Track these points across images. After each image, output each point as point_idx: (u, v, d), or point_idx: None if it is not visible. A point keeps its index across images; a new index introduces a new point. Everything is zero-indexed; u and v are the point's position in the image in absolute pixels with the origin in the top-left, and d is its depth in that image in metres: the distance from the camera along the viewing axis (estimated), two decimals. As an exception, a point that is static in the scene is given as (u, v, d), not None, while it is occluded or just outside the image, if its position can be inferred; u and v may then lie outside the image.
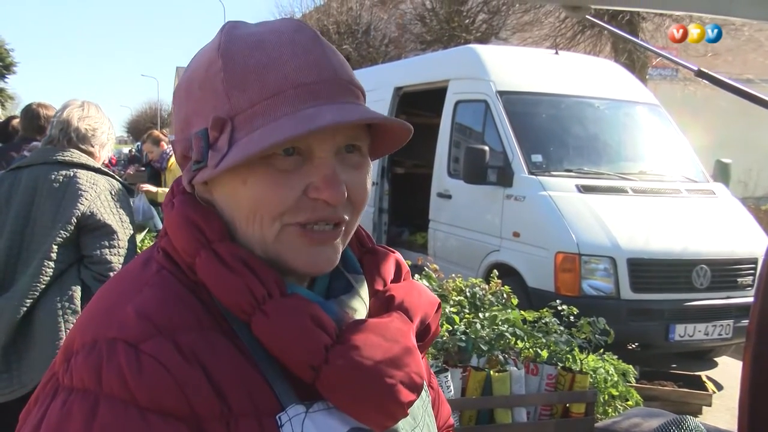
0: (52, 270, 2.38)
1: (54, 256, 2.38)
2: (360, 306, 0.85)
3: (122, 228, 2.49)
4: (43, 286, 2.37)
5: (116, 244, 2.45)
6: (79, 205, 2.42)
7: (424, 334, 0.90)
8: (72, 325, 2.12)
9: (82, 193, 2.45)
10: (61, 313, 2.36)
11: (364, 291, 0.87)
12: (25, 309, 2.34)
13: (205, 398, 0.71)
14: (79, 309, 2.34)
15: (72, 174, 2.48)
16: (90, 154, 2.62)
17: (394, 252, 0.96)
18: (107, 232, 2.44)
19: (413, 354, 0.81)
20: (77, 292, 2.40)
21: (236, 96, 0.76)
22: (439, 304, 0.94)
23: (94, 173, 2.54)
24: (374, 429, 0.79)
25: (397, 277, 0.92)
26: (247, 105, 0.76)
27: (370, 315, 0.84)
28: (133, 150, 25.54)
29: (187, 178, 0.82)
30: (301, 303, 0.78)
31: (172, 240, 0.82)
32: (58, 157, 2.51)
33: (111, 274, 2.39)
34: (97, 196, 2.47)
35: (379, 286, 0.89)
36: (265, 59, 0.77)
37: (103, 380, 0.70)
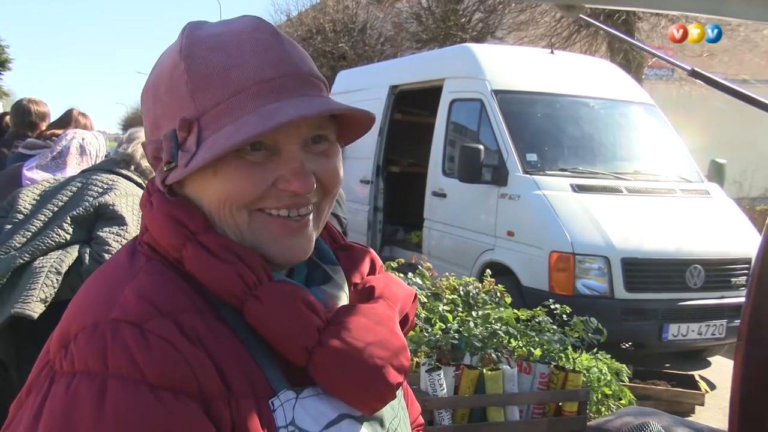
0: (58, 237, 2.49)
1: (65, 226, 2.51)
2: (342, 295, 0.88)
3: (135, 225, 2.57)
4: (44, 248, 2.47)
5: (123, 235, 2.55)
6: (105, 196, 2.58)
7: (402, 324, 0.93)
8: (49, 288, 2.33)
9: (113, 190, 2.62)
10: (45, 271, 2.43)
11: (343, 282, 0.90)
12: (21, 262, 2.44)
13: (211, 377, 0.73)
14: (62, 273, 2.42)
15: (115, 179, 2.69)
16: (143, 181, 2.81)
17: (368, 248, 0.98)
18: (120, 223, 2.56)
19: (400, 338, 0.85)
20: (68, 259, 2.47)
21: (200, 97, 0.79)
22: (415, 296, 0.96)
23: (135, 185, 2.72)
24: (363, 412, 0.81)
25: (372, 272, 0.95)
26: (212, 104, 0.79)
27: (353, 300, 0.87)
28: None
29: (160, 179, 0.83)
30: (292, 288, 0.81)
31: (156, 238, 0.84)
32: (115, 168, 2.74)
33: (107, 256, 2.47)
34: (125, 196, 2.62)
35: (357, 279, 0.92)
36: (226, 59, 0.79)
37: (109, 360, 0.70)
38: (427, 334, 2.94)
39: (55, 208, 2.59)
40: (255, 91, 0.78)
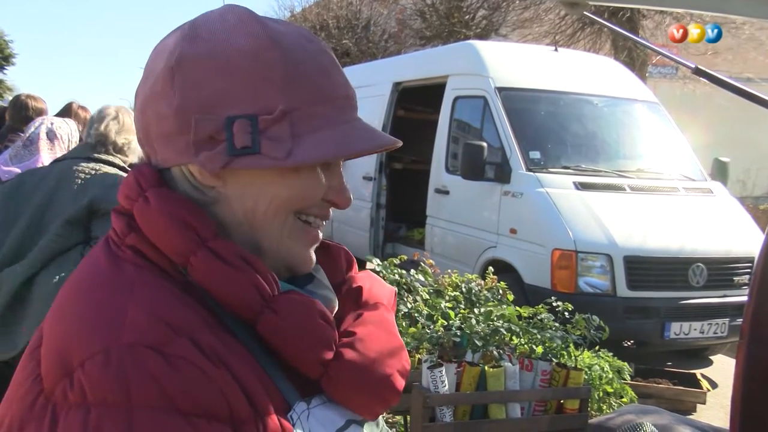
0: (56, 245, 2.48)
1: (62, 231, 2.49)
2: (332, 296, 0.86)
3: None
4: (46, 258, 2.47)
5: None
6: (96, 190, 2.53)
7: None
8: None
9: (101, 182, 2.57)
10: (54, 285, 2.43)
11: (326, 281, 0.88)
12: (26, 277, 2.45)
13: (239, 399, 0.69)
14: None
15: (98, 168, 2.62)
16: (123, 161, 2.77)
17: (341, 246, 0.97)
18: None
19: (401, 342, 0.87)
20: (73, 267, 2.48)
21: (293, 92, 0.76)
22: (396, 292, 0.97)
23: (119, 171, 2.67)
24: (368, 417, 0.82)
25: (349, 269, 0.94)
26: (302, 104, 0.77)
27: (341, 306, 0.86)
28: None
29: (222, 163, 0.75)
30: (307, 299, 0.79)
31: (155, 240, 0.77)
32: (94, 155, 2.66)
33: None
34: (115, 186, 2.57)
35: (338, 278, 0.91)
36: (316, 64, 0.79)
37: (133, 390, 0.65)
38: (429, 331, 2.94)
39: (36, 209, 2.54)
40: (342, 105, 0.80)
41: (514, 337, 3.02)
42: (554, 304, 3.29)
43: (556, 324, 3.15)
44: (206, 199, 0.80)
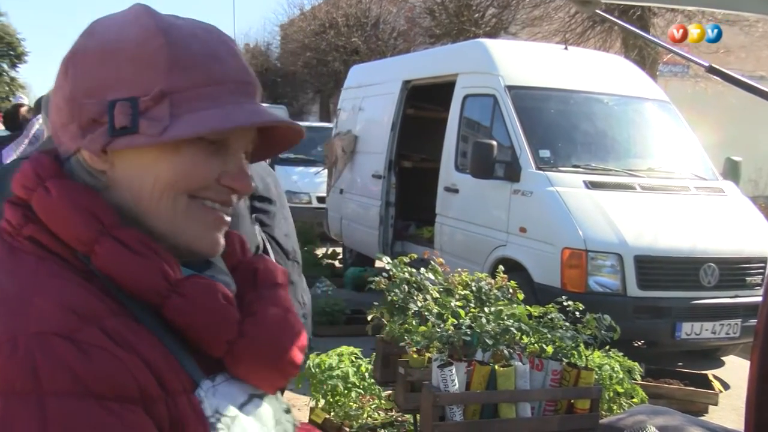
0: None
1: None
2: (231, 281, 0.89)
3: None
4: None
5: None
6: None
7: None
8: None
9: None
10: None
11: (223, 265, 0.91)
12: None
13: (149, 381, 0.72)
14: None
15: None
16: None
17: (233, 231, 0.99)
18: None
19: (298, 318, 0.91)
20: None
21: (177, 75, 0.79)
22: (288, 273, 0.99)
23: None
24: (268, 391, 0.87)
25: (242, 251, 0.97)
26: (188, 85, 0.79)
27: (239, 287, 0.89)
28: None
29: (103, 143, 0.78)
30: (210, 282, 0.82)
31: (57, 230, 0.78)
32: None
33: None
34: None
35: (233, 261, 0.94)
36: (207, 50, 0.82)
37: (42, 377, 0.66)
38: (439, 330, 2.93)
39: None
40: (234, 88, 0.82)
41: (524, 337, 3.01)
42: (565, 303, 3.27)
43: (567, 323, 3.14)
44: (100, 185, 0.81)
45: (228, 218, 0.87)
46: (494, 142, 6.01)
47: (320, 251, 9.89)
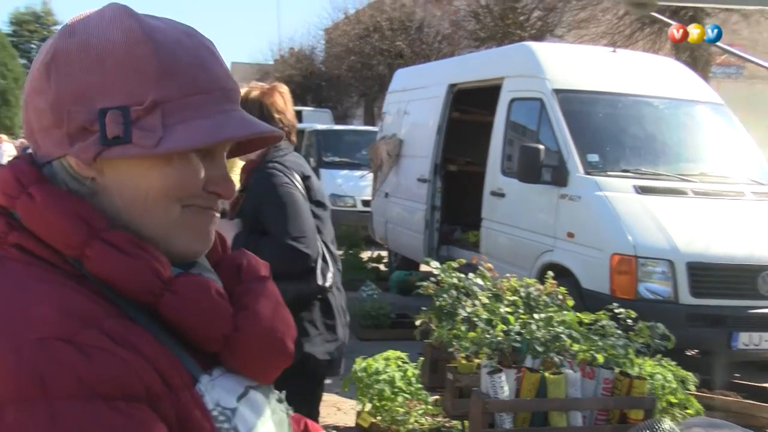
0: None
1: None
2: (216, 278, 0.90)
3: None
4: None
5: None
6: None
7: None
8: None
9: None
10: None
11: (208, 264, 0.92)
12: None
13: (153, 379, 0.72)
14: None
15: None
16: None
17: None
18: None
19: (287, 310, 0.92)
20: None
21: (167, 83, 0.78)
22: (270, 267, 0.99)
23: None
24: (262, 382, 0.87)
25: (223, 248, 0.98)
26: (177, 94, 0.79)
27: (224, 282, 0.89)
28: None
29: (94, 152, 0.77)
30: (201, 279, 0.83)
31: (45, 235, 0.77)
32: None
33: None
34: None
35: (216, 257, 0.94)
36: (192, 57, 0.81)
37: (49, 382, 0.66)
38: (488, 336, 2.91)
39: None
40: (219, 96, 0.82)
41: (574, 344, 2.97)
42: (616, 310, 3.21)
43: (618, 331, 3.08)
44: (85, 190, 0.81)
45: (217, 216, 0.88)
46: (541, 146, 5.95)
47: (365, 255, 9.93)
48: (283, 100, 2.68)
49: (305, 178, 2.66)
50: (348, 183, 12.11)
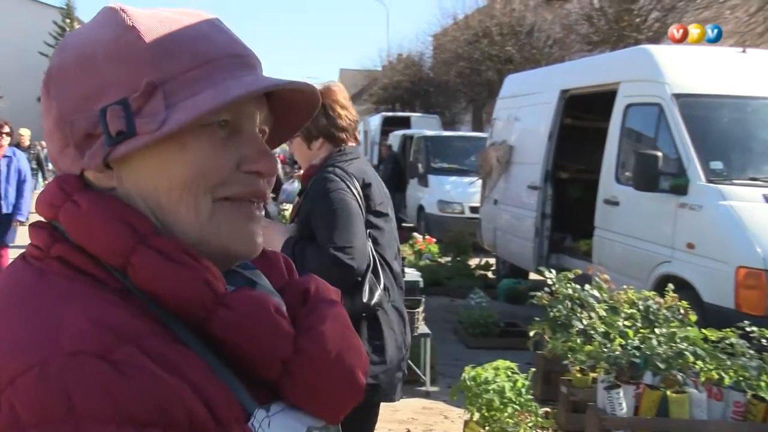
0: None
1: None
2: (280, 300, 0.80)
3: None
4: None
5: None
6: None
7: None
8: None
9: None
10: None
11: (270, 286, 0.83)
12: None
13: (198, 407, 0.63)
14: None
15: None
16: None
17: (277, 252, 0.92)
18: None
19: (359, 339, 0.81)
20: None
21: (165, 63, 0.72)
22: (341, 293, 0.88)
23: None
24: (331, 421, 0.76)
25: (289, 274, 0.89)
26: (180, 71, 0.72)
27: (289, 309, 0.79)
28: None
29: (103, 155, 0.71)
30: (261, 294, 0.75)
31: (88, 244, 0.71)
32: None
33: None
34: None
35: (280, 283, 0.85)
36: (188, 30, 0.75)
37: (77, 403, 0.58)
38: (606, 350, 2.82)
39: None
40: (228, 63, 0.74)
41: (699, 362, 2.83)
42: (748, 328, 3.03)
43: (751, 351, 2.90)
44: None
45: (260, 212, 0.79)
46: (659, 153, 5.73)
47: (473, 262, 9.86)
48: (343, 96, 2.54)
49: (366, 186, 2.46)
50: (456, 189, 12.08)
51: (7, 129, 6.80)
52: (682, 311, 3.35)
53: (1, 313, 0.68)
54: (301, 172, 2.81)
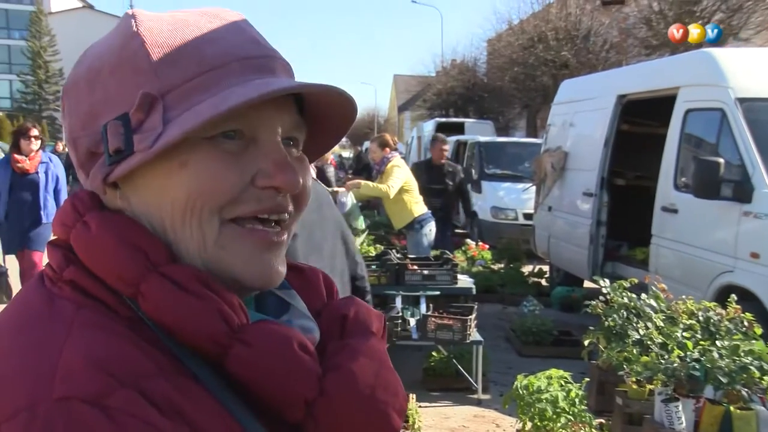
0: None
1: None
2: (313, 326, 0.74)
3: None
4: None
5: None
6: None
7: None
8: None
9: None
10: None
11: (305, 310, 0.77)
12: None
13: None
14: None
15: None
16: None
17: (317, 269, 0.85)
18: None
19: (397, 376, 0.73)
20: None
21: (167, 72, 0.66)
22: (385, 318, 0.81)
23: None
24: None
25: (329, 295, 0.83)
26: (181, 80, 0.66)
27: (323, 336, 0.74)
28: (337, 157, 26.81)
29: (102, 176, 0.68)
30: (283, 329, 0.67)
31: (98, 269, 0.66)
32: None
33: None
34: None
35: (317, 305, 0.79)
36: (197, 33, 0.69)
37: None
38: (663, 362, 2.75)
39: None
40: (239, 68, 0.68)
41: (765, 378, 2.72)
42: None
43: (820, 366, 2.78)
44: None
45: (280, 238, 0.71)
46: (721, 160, 5.56)
47: (526, 269, 9.75)
48: None
49: None
50: (510, 196, 11.96)
51: (35, 132, 6.45)
52: (746, 323, 3.23)
53: (2, 337, 0.64)
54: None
